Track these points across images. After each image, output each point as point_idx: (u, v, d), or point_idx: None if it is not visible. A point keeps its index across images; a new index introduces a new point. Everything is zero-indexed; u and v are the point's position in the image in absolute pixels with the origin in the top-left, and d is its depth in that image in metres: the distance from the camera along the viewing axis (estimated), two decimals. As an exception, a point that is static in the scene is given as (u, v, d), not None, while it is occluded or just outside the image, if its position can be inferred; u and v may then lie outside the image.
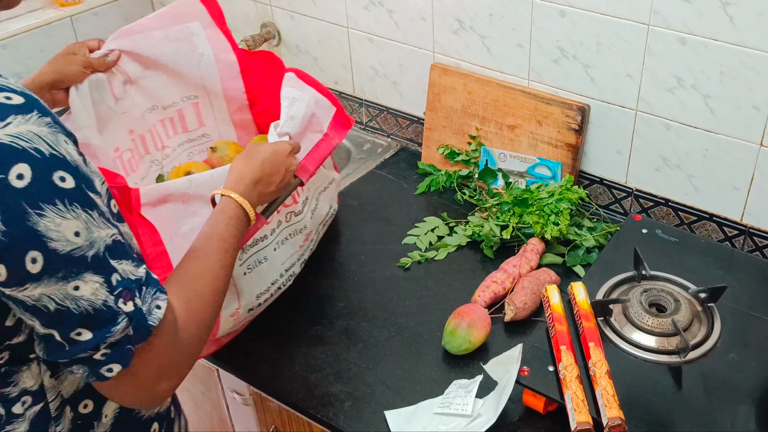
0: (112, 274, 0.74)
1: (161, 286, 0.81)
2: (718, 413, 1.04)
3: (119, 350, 0.75)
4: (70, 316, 0.72)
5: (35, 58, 1.88)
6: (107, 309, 0.73)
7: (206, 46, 1.41)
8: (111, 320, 0.74)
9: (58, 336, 0.73)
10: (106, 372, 0.76)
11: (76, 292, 0.71)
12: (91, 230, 0.72)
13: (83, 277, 0.71)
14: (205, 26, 1.41)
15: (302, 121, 1.27)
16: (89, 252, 0.71)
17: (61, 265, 0.70)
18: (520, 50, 1.52)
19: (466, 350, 1.23)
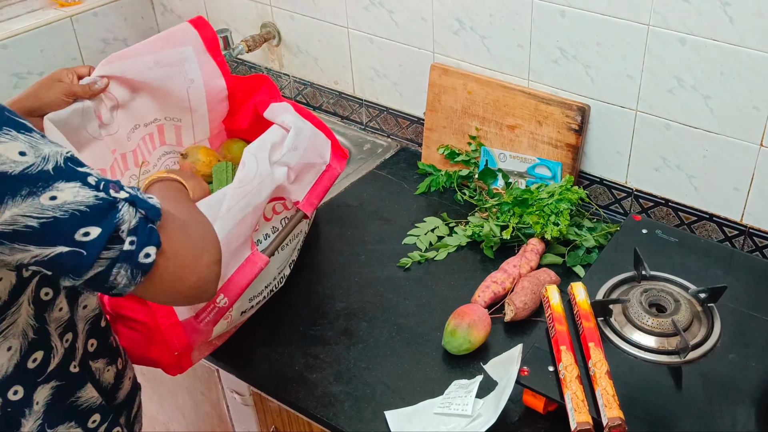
0: (86, 177, 0.74)
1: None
2: (718, 413, 1.04)
3: (143, 231, 0.75)
4: (62, 223, 0.71)
5: (35, 58, 1.88)
6: (102, 201, 0.73)
7: (197, 72, 1.41)
8: (112, 208, 0.74)
9: (65, 248, 0.72)
10: (145, 258, 0.75)
11: (55, 202, 0.71)
12: (38, 147, 0.71)
13: (54, 187, 0.71)
14: (198, 52, 1.41)
15: (304, 153, 1.28)
16: (47, 166, 0.71)
17: (20, 184, 0.69)
18: (520, 50, 1.52)
19: (466, 350, 1.23)
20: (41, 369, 0.89)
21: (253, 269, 1.17)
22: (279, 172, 1.22)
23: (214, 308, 1.14)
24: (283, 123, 1.28)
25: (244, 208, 1.14)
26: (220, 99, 1.46)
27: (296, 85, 1.98)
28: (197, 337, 1.14)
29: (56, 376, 0.90)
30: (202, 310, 1.13)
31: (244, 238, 1.16)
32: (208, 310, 1.14)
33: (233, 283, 1.15)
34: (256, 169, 1.17)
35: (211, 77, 1.42)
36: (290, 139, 1.26)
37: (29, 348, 0.87)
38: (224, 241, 1.11)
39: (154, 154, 1.48)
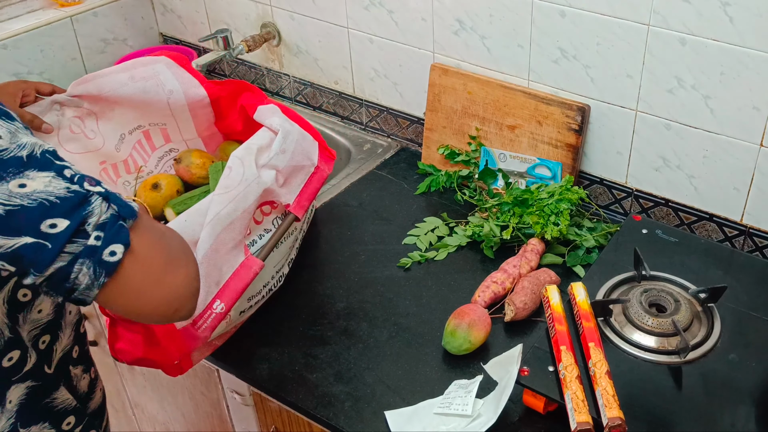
0: (63, 169, 0.71)
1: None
2: (718, 413, 1.04)
3: (111, 228, 0.70)
4: (28, 211, 0.67)
5: (35, 59, 1.88)
6: (74, 194, 0.69)
7: (174, 82, 1.42)
8: (84, 201, 0.70)
9: (30, 239, 0.68)
10: (110, 256, 0.70)
11: (24, 189, 0.67)
12: (16, 135, 0.69)
13: (25, 174, 0.68)
14: (169, 66, 1.42)
15: (292, 156, 1.28)
16: (21, 152, 0.68)
17: None
18: (520, 50, 1.52)
19: (467, 350, 1.23)
20: (17, 368, 0.88)
21: (249, 273, 1.17)
22: (266, 176, 1.22)
23: (212, 314, 1.14)
24: (271, 126, 1.29)
25: (231, 213, 1.13)
26: (203, 105, 1.47)
27: (296, 85, 1.98)
28: (195, 343, 1.15)
29: (32, 376, 0.90)
30: (199, 316, 1.13)
31: (234, 243, 1.15)
32: (206, 317, 1.14)
33: (229, 289, 1.15)
34: (242, 173, 1.17)
35: (189, 87, 1.43)
36: (278, 142, 1.26)
37: (5, 347, 0.86)
38: (213, 247, 1.11)
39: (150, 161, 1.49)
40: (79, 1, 1.97)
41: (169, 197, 1.46)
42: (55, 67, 1.92)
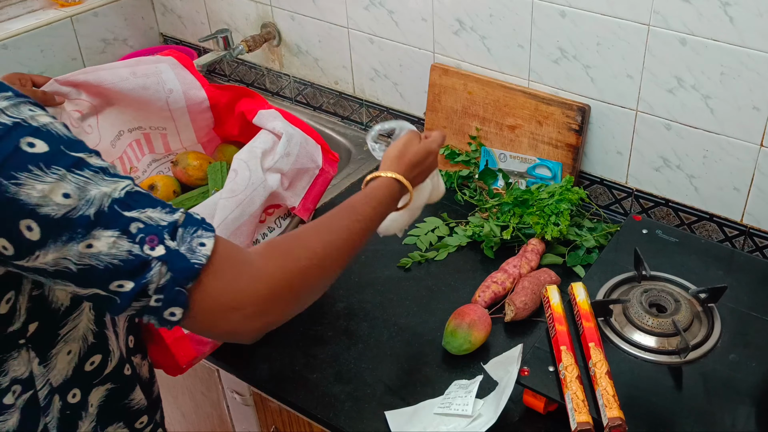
0: (130, 224, 0.71)
1: (207, 225, 0.77)
2: (718, 413, 1.04)
3: (170, 294, 0.73)
4: (97, 272, 0.70)
5: (35, 59, 1.88)
6: (135, 257, 0.71)
7: (175, 82, 1.41)
8: (144, 267, 0.71)
9: (102, 292, 0.72)
10: (170, 317, 0.74)
11: (91, 250, 0.70)
12: (85, 189, 0.69)
13: (92, 235, 0.69)
14: (173, 66, 1.42)
15: (296, 159, 1.28)
16: (89, 210, 0.69)
17: (62, 228, 0.68)
18: (520, 51, 1.52)
19: (467, 350, 1.23)
20: (98, 372, 0.90)
21: None
22: (272, 179, 1.22)
23: None
24: (274, 129, 1.29)
25: (238, 218, 1.13)
26: (202, 109, 1.46)
27: (296, 85, 1.98)
28: (203, 347, 1.15)
29: (111, 378, 0.92)
30: None
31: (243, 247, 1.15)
32: None
33: None
34: (249, 177, 1.17)
35: (189, 88, 1.43)
36: (282, 145, 1.26)
37: (88, 351, 0.88)
38: None
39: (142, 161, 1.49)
40: (79, 1, 1.97)
41: (166, 199, 1.45)
42: (56, 67, 1.92)
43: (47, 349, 0.83)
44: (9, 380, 0.80)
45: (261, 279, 0.78)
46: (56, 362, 0.84)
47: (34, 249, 0.68)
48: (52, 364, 0.84)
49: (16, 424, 0.81)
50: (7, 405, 0.81)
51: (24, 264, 0.70)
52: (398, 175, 1.04)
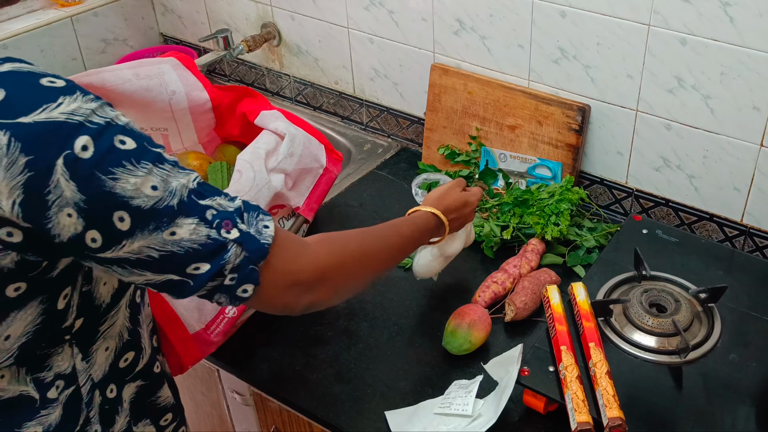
0: (206, 211, 0.77)
1: (263, 210, 0.84)
2: (718, 413, 1.04)
3: (243, 272, 0.79)
4: (178, 257, 0.76)
5: (35, 59, 1.88)
6: (213, 241, 0.77)
7: (177, 83, 1.41)
8: (221, 249, 0.78)
9: (176, 277, 0.77)
10: (242, 293, 0.81)
11: (174, 237, 0.75)
12: (168, 181, 0.75)
13: (175, 222, 0.75)
14: (175, 67, 1.42)
15: (300, 159, 1.28)
16: (173, 201, 0.75)
17: (150, 218, 0.73)
18: (520, 51, 1.52)
19: (467, 350, 1.23)
20: (131, 368, 0.94)
21: None
22: (276, 180, 1.22)
23: (224, 319, 1.15)
24: (276, 130, 1.28)
25: None
26: (204, 110, 1.46)
27: (296, 85, 1.98)
28: (208, 348, 1.15)
29: (142, 375, 0.96)
30: (211, 321, 1.14)
31: None
32: (218, 321, 1.15)
33: None
34: (253, 178, 1.17)
35: (192, 89, 1.43)
36: (285, 146, 1.26)
37: (123, 348, 0.92)
38: None
39: None
40: (79, 1, 1.97)
41: None
42: (56, 67, 1.92)
43: (89, 345, 0.87)
44: (53, 375, 0.84)
45: (316, 260, 0.87)
46: (96, 358, 0.88)
47: (122, 239, 0.73)
48: (93, 360, 0.87)
49: (58, 418, 0.85)
50: (50, 399, 0.84)
51: (106, 255, 0.74)
52: (437, 211, 1.16)
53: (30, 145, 0.68)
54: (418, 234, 1.10)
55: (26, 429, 0.83)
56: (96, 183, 0.70)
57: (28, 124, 0.68)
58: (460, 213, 1.21)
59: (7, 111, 0.68)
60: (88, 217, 0.71)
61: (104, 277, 0.85)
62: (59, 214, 0.70)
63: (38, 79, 0.71)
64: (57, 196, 0.69)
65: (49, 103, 0.70)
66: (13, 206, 0.68)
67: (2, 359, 0.79)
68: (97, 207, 0.71)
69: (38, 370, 0.83)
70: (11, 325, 0.77)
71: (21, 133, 0.67)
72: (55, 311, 0.80)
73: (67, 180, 0.69)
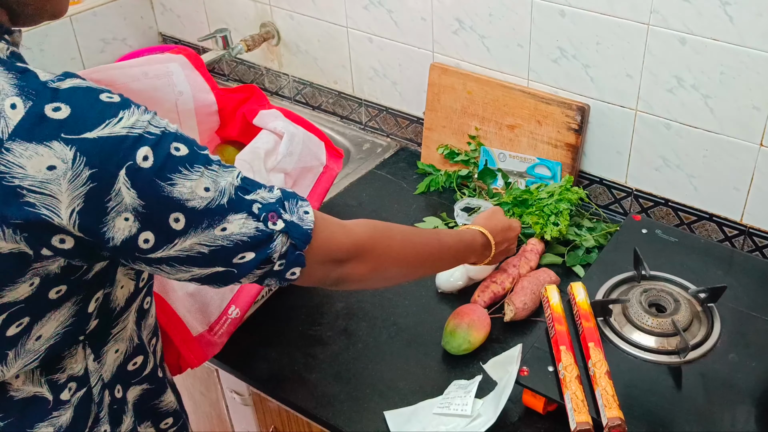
0: (252, 205, 0.81)
1: (299, 195, 0.88)
2: (718, 413, 1.04)
3: (291, 256, 0.84)
4: (226, 250, 0.80)
5: (35, 58, 1.88)
6: (261, 233, 0.81)
7: (185, 84, 1.41)
8: (268, 240, 0.82)
9: (221, 268, 0.81)
10: (290, 276, 0.86)
11: (225, 233, 0.79)
12: (217, 182, 0.78)
13: (227, 219, 0.79)
14: (183, 67, 1.41)
15: (300, 158, 1.27)
16: (223, 200, 0.79)
17: (203, 217, 0.77)
18: (519, 50, 1.52)
19: (466, 350, 1.23)
20: (139, 372, 0.96)
21: None
22: (276, 180, 1.22)
23: (227, 320, 1.15)
24: (275, 129, 1.28)
25: None
26: (210, 113, 1.46)
27: (295, 84, 1.98)
28: (212, 349, 1.15)
29: (148, 379, 0.97)
30: (215, 322, 1.14)
31: None
32: (221, 322, 1.15)
33: (243, 294, 1.16)
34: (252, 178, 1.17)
35: (199, 90, 1.42)
36: (285, 145, 1.25)
37: (133, 352, 0.94)
38: None
39: None
40: (78, 1, 1.96)
41: None
42: (55, 67, 1.92)
43: (101, 346, 0.88)
44: (66, 377, 0.86)
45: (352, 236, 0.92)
46: (106, 359, 0.90)
47: (175, 237, 0.77)
48: (104, 360, 0.89)
49: (69, 419, 0.86)
50: (63, 401, 0.86)
51: (156, 255, 0.77)
52: (486, 230, 1.20)
53: (95, 158, 0.70)
54: (462, 246, 1.14)
55: (37, 429, 0.84)
56: (155, 189, 0.74)
57: (93, 139, 0.71)
58: (505, 236, 1.24)
59: (72, 127, 0.70)
60: (144, 219, 0.74)
61: (122, 281, 0.87)
62: (116, 219, 0.73)
63: (98, 95, 0.74)
64: (117, 203, 0.72)
65: (111, 118, 0.72)
66: (71, 215, 0.71)
67: (30, 361, 0.81)
68: (155, 210, 0.74)
69: (52, 371, 0.85)
70: (45, 325, 0.80)
71: (86, 148, 0.70)
72: (84, 314, 0.83)
73: (128, 188, 0.72)
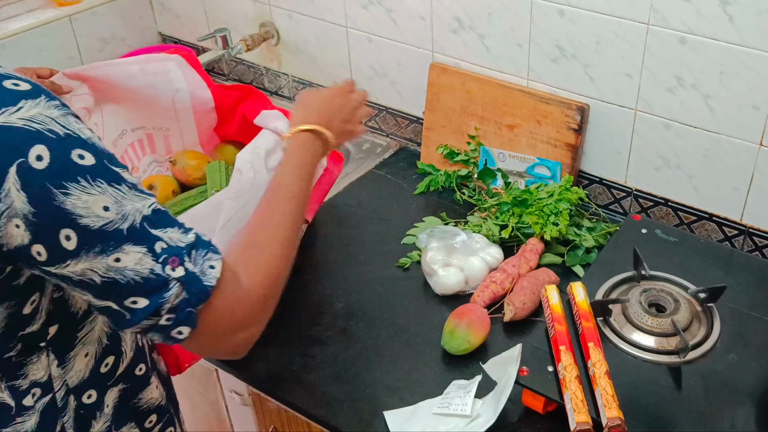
0: (156, 242, 0.75)
1: (213, 247, 0.81)
2: (718, 413, 1.04)
3: (181, 313, 0.76)
4: (118, 286, 0.73)
5: (34, 58, 1.88)
6: (156, 276, 0.74)
7: (182, 81, 1.41)
8: (162, 287, 0.75)
9: (115, 305, 0.75)
10: (177, 335, 0.78)
11: (118, 264, 0.72)
12: (121, 204, 0.72)
13: (122, 249, 0.72)
14: (180, 65, 1.41)
15: None
16: (123, 225, 0.72)
17: (96, 239, 0.71)
18: (519, 50, 1.52)
19: (465, 350, 1.22)
20: (111, 373, 0.93)
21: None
22: None
23: None
24: (276, 129, 1.28)
25: (242, 219, 1.13)
26: (207, 110, 1.46)
27: (295, 84, 1.97)
28: None
29: (123, 379, 0.95)
30: None
31: None
32: None
33: None
34: (253, 177, 1.16)
35: (196, 88, 1.42)
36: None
37: (103, 353, 0.91)
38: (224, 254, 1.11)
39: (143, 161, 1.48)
40: (77, 1, 1.96)
41: (165, 198, 1.45)
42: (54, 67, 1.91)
43: (66, 351, 0.86)
44: (29, 383, 0.83)
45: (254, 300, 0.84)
46: (74, 364, 0.87)
47: (66, 258, 0.71)
48: (70, 366, 0.86)
49: (34, 425, 0.84)
50: (26, 407, 0.83)
51: (51, 270, 0.72)
52: (306, 125, 1.06)
53: None
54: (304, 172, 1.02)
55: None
56: (46, 195, 0.68)
57: None
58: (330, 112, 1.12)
59: None
60: (35, 231, 0.68)
61: None
62: (8, 225, 0.68)
63: (1, 81, 0.69)
64: (7, 206, 0.67)
65: (9, 106, 0.67)
66: None
67: None
68: (45, 221, 0.68)
69: (13, 377, 0.82)
70: None
71: None
72: (20, 315, 0.78)
73: (18, 190, 0.66)
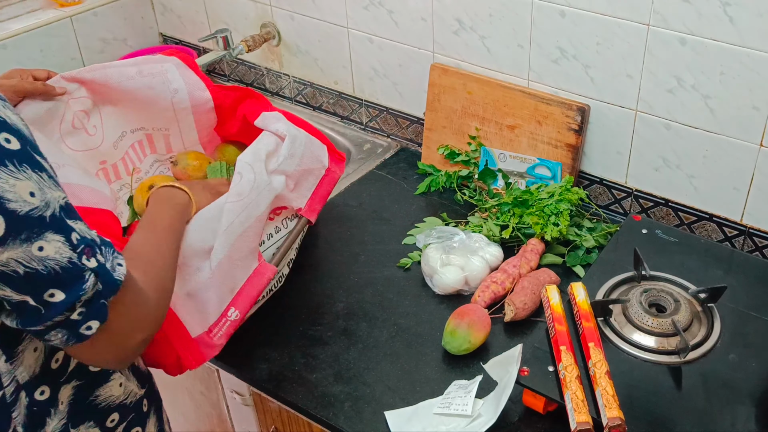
0: (71, 232, 0.75)
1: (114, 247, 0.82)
2: (718, 413, 1.04)
3: (94, 306, 0.77)
4: (40, 277, 0.73)
5: (35, 58, 1.88)
6: (73, 266, 0.74)
7: (180, 82, 1.41)
8: (79, 277, 0.75)
9: (32, 301, 0.74)
10: (86, 330, 0.77)
11: (41, 253, 0.72)
12: (44, 191, 0.72)
13: (45, 236, 0.72)
14: (177, 66, 1.41)
15: (301, 160, 1.27)
16: (46, 212, 0.72)
17: (23, 226, 0.71)
18: (519, 50, 1.52)
19: (466, 350, 1.23)
20: (63, 369, 0.91)
21: (262, 280, 1.17)
22: (277, 181, 1.22)
23: (227, 322, 1.15)
24: (277, 131, 1.28)
25: (244, 222, 1.14)
26: (207, 110, 1.46)
27: (296, 85, 1.98)
28: (211, 351, 1.15)
29: (76, 375, 0.93)
30: (214, 324, 1.14)
31: (248, 251, 1.16)
32: (220, 324, 1.15)
33: (243, 296, 1.16)
34: (253, 180, 1.17)
35: (194, 88, 1.42)
36: (286, 147, 1.26)
37: (52, 348, 0.89)
38: (227, 255, 1.12)
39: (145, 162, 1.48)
40: (78, 1, 1.96)
41: None
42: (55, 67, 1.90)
43: (13, 345, 0.84)
44: None
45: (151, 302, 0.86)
46: (23, 359, 0.86)
47: None
48: (19, 361, 0.85)
49: None
50: None
51: None
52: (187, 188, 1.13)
53: None
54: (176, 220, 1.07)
55: None
56: None
57: None
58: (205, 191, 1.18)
59: None
60: None
61: None
62: None
63: None
64: None
65: None
66: None
67: None
68: None
69: None
70: None
71: None
72: None
73: None
